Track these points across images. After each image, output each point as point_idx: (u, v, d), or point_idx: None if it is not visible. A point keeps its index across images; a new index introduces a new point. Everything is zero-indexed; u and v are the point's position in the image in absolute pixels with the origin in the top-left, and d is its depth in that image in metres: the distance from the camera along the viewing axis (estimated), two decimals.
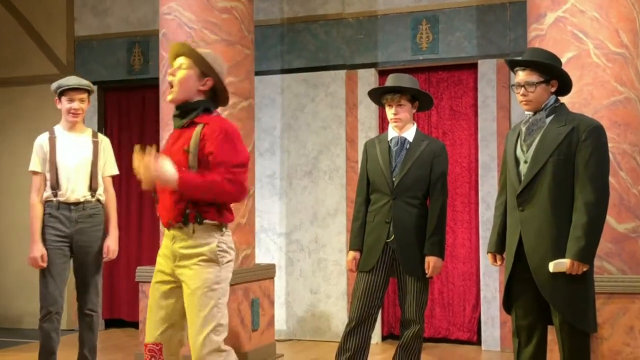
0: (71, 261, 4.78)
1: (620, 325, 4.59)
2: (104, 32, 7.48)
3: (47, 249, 4.64)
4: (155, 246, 6.91)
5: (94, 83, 7.42)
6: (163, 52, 5.68)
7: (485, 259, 6.17)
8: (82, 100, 4.76)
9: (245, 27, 5.71)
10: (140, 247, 7.36)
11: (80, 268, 4.78)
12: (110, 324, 7.51)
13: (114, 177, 4.96)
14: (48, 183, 4.70)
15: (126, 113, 7.53)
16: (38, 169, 4.71)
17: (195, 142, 3.24)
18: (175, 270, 3.29)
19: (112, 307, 7.49)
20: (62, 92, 4.72)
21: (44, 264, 4.62)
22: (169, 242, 3.33)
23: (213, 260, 3.25)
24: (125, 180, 7.35)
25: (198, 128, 3.26)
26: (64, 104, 4.74)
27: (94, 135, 4.88)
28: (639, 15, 4.81)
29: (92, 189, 4.76)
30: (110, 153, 4.92)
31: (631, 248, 4.68)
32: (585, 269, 3.69)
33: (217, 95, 3.42)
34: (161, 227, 5.54)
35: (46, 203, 4.70)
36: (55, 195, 4.68)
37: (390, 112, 4.35)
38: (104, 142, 4.90)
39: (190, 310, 3.24)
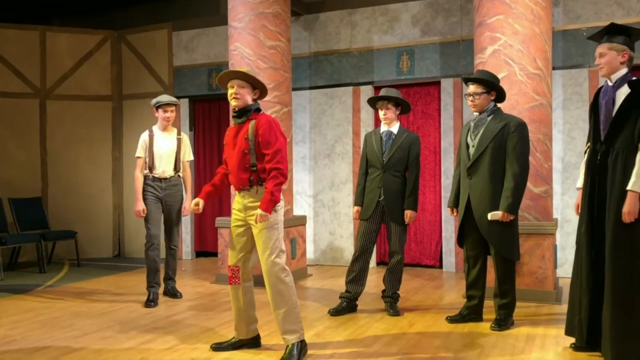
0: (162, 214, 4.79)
1: (535, 255, 4.57)
2: (192, 63, 7.42)
3: (147, 205, 4.65)
4: (229, 203, 6.97)
5: (185, 97, 7.48)
6: None
7: (445, 211, 6.15)
8: (172, 112, 4.75)
9: (285, 58, 5.65)
10: (221, 204, 7.36)
11: (167, 218, 4.81)
12: (200, 254, 7.57)
13: (192, 161, 4.94)
14: (147, 164, 4.70)
15: (208, 116, 7.50)
16: (141, 155, 4.72)
17: (252, 132, 3.20)
18: (246, 217, 3.26)
19: (201, 242, 7.53)
20: (159, 106, 4.71)
21: (144, 215, 4.63)
22: (240, 199, 3.30)
23: None
24: (209, 161, 7.36)
25: (252, 122, 3.22)
26: (160, 114, 4.74)
27: (178, 134, 4.87)
28: (550, 49, 4.72)
29: (176, 169, 4.78)
30: (187, 145, 4.90)
31: (543, 204, 4.64)
32: (512, 218, 3.67)
33: (261, 95, 3.34)
34: (232, 192, 5.59)
35: (146, 177, 4.71)
36: (151, 172, 4.70)
37: (381, 114, 4.29)
38: (184, 138, 4.90)
39: (259, 243, 3.21)
